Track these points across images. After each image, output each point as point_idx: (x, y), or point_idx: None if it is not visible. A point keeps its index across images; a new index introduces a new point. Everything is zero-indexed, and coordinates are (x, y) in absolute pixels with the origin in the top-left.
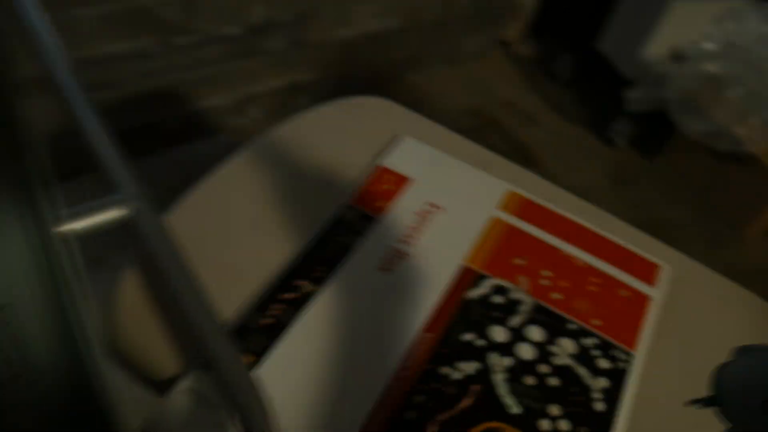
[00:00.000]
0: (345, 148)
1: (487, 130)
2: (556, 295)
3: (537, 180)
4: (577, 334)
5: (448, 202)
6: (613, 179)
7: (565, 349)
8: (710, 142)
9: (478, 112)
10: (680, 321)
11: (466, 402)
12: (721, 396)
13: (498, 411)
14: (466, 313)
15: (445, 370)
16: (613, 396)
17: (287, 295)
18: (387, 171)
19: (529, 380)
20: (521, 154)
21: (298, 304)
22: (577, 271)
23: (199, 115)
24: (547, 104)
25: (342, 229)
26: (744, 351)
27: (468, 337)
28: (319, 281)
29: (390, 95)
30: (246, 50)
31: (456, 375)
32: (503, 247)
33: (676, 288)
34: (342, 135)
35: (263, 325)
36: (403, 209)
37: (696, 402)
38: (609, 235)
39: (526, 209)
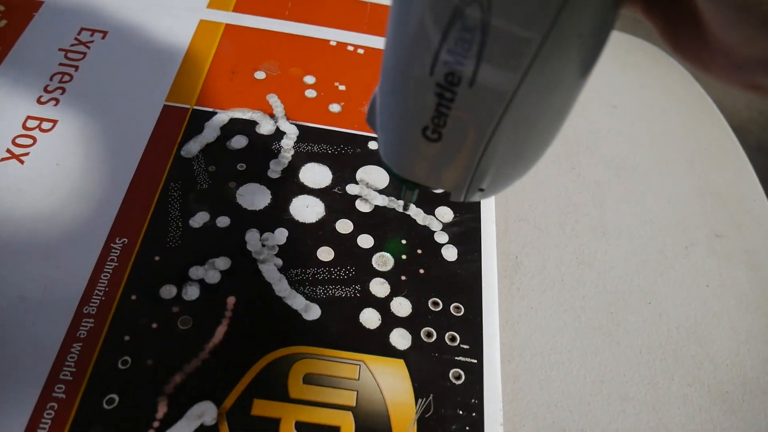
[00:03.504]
0: None
1: None
2: (334, 107)
3: None
4: None
5: (119, 20)
6: None
7: (372, 180)
8: None
9: None
10: None
11: (221, 330)
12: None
13: (284, 323)
14: (189, 182)
15: (167, 290)
16: (463, 241)
17: None
18: None
19: (325, 253)
20: None
21: None
22: (344, 58)
23: None
24: None
25: None
26: None
27: (201, 218)
28: None
29: None
30: None
31: (190, 291)
32: (229, 60)
33: None
34: None
35: None
36: (37, 51)
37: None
38: None
39: None
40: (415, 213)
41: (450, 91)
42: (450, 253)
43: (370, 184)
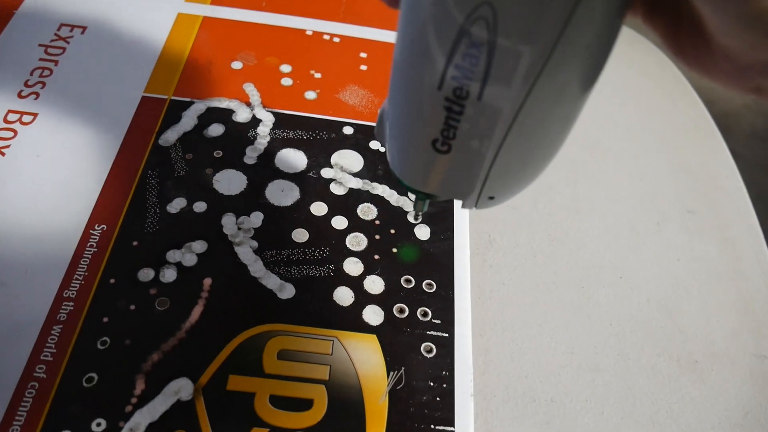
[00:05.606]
0: None
1: None
2: (310, 94)
3: None
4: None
5: (98, 15)
6: None
7: (347, 164)
8: None
9: None
10: None
11: (197, 310)
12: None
13: (259, 303)
14: (166, 169)
15: (145, 273)
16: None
17: None
18: None
19: (300, 235)
20: None
21: None
22: (321, 47)
23: None
24: None
25: None
26: None
27: (178, 204)
28: None
29: None
30: None
31: (167, 274)
32: (206, 51)
33: None
34: None
35: None
36: (17, 48)
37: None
38: None
39: None
40: (389, 194)
41: (458, 104)
42: (423, 233)
43: (345, 168)
